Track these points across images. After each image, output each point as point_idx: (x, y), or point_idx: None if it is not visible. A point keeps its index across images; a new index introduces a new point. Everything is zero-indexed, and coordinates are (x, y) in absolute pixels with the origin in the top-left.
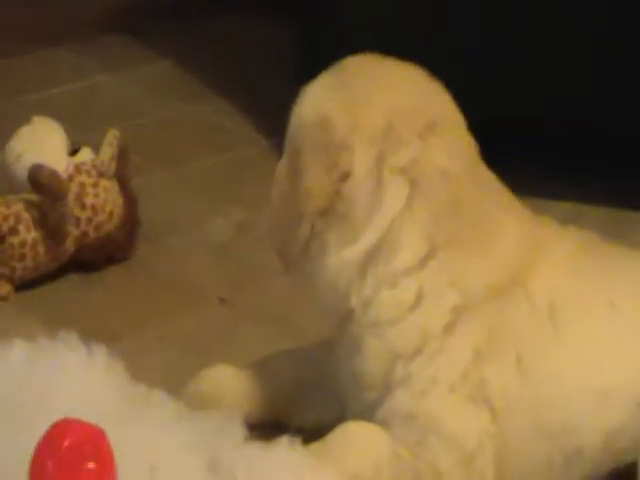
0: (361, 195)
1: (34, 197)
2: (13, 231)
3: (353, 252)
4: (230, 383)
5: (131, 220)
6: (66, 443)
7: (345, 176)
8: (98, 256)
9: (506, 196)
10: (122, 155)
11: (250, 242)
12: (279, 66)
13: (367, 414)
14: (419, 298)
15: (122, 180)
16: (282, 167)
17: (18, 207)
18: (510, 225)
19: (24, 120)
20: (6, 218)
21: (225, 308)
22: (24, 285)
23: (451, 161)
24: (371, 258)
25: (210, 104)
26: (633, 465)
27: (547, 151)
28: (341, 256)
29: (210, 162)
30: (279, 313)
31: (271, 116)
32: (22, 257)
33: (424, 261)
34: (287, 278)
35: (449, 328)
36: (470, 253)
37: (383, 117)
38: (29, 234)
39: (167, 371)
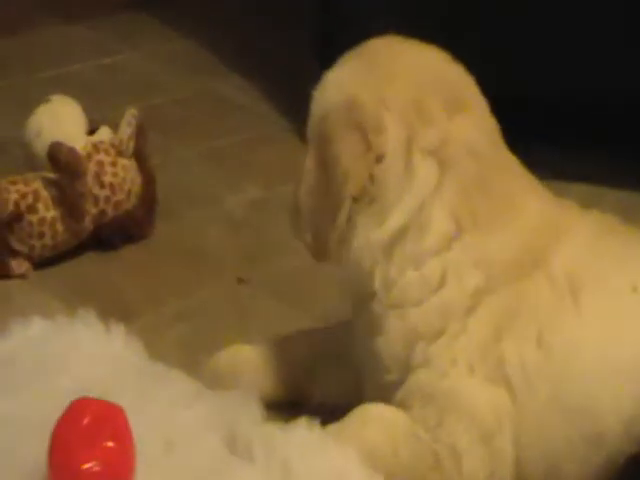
0: (391, 177)
1: (53, 175)
2: (32, 209)
3: (380, 234)
4: (247, 361)
5: (149, 199)
6: (85, 421)
7: (379, 158)
8: (116, 235)
9: (528, 178)
10: (140, 134)
11: (267, 219)
12: (298, 45)
13: (385, 396)
14: (443, 279)
15: (140, 159)
16: (310, 161)
17: (37, 185)
18: (533, 207)
19: (42, 97)
20: (24, 196)
21: (242, 285)
22: (43, 263)
23: (478, 141)
24: (398, 239)
25: (228, 82)
26: None
27: (566, 134)
28: (368, 238)
29: (228, 139)
30: (296, 290)
31: (289, 94)
32: (41, 235)
33: (450, 242)
34: (313, 259)
35: (471, 309)
36: (494, 234)
37: (411, 97)
38: (48, 212)
39: (185, 348)
